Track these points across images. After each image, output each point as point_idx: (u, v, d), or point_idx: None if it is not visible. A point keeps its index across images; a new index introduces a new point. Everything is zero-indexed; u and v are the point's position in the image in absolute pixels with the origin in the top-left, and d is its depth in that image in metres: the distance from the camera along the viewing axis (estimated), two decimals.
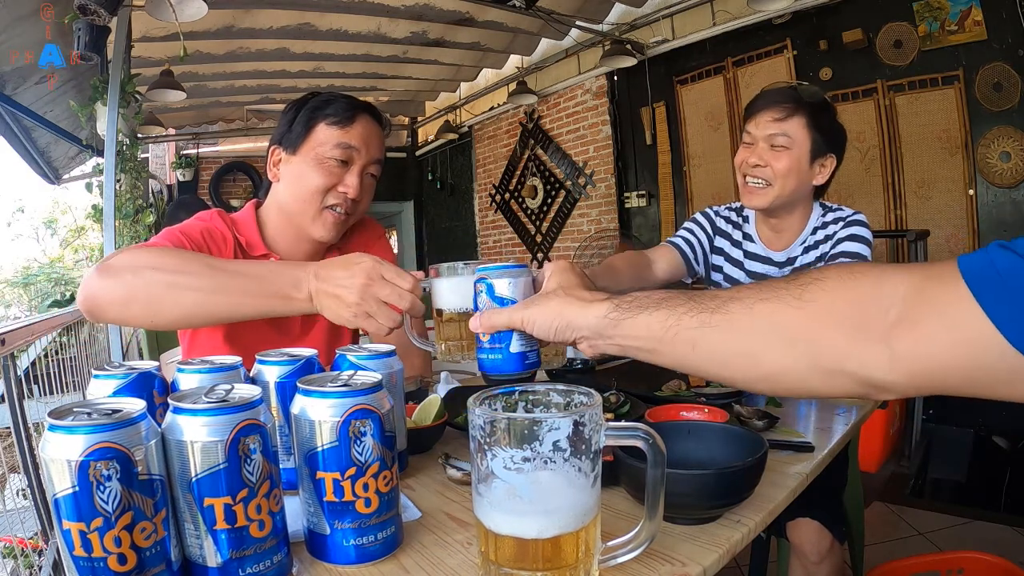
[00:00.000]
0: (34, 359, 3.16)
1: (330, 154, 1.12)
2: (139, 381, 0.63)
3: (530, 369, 0.68)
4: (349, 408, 0.53)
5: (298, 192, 1.14)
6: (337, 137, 1.12)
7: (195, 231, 1.11)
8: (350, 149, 1.13)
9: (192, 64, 4.25)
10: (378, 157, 1.18)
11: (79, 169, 6.54)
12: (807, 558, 1.12)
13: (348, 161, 1.14)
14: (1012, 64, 2.90)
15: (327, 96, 1.17)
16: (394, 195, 7.85)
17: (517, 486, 0.47)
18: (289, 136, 1.15)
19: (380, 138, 1.19)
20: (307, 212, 1.14)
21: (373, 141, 1.16)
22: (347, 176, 1.14)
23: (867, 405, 1.05)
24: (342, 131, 1.13)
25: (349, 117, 1.13)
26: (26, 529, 2.10)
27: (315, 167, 1.12)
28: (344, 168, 1.13)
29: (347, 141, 1.12)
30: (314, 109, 1.15)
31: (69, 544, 0.44)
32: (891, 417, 2.76)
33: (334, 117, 1.13)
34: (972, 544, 1.23)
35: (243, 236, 1.16)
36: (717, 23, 4.05)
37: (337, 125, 1.13)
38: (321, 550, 0.56)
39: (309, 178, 1.13)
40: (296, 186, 1.14)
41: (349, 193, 1.14)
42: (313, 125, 1.14)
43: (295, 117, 1.15)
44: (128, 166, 3.51)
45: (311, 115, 1.14)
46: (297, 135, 1.14)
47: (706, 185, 4.40)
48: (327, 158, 1.12)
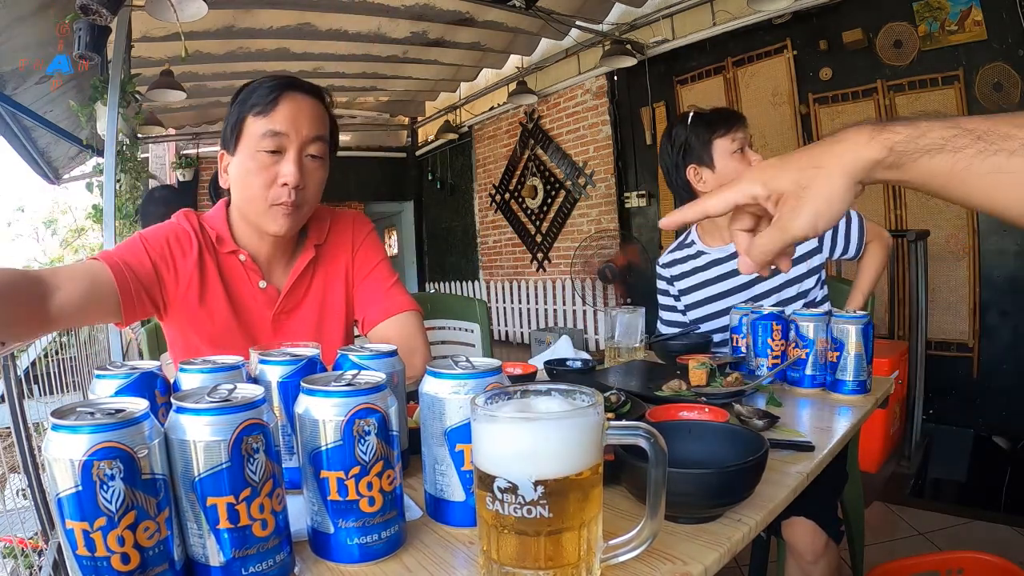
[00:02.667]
0: (34, 359, 3.16)
1: (259, 147, 1.06)
2: (141, 381, 0.63)
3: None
4: (353, 407, 0.53)
5: (244, 193, 1.10)
6: (263, 126, 1.06)
7: (160, 237, 1.10)
8: (278, 136, 1.06)
9: (192, 64, 4.26)
10: (315, 134, 1.09)
11: (79, 169, 6.54)
12: (802, 557, 1.12)
13: (279, 150, 1.07)
14: (1012, 64, 2.91)
15: (252, 85, 1.09)
16: (394, 195, 7.86)
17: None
18: (226, 136, 1.11)
19: (314, 112, 1.10)
20: (257, 211, 1.10)
21: (303, 119, 1.08)
22: (282, 165, 1.07)
23: (867, 405, 1.05)
24: (267, 119, 1.06)
25: (271, 101, 1.06)
26: (26, 529, 2.10)
27: (251, 164, 1.07)
28: (278, 157, 1.07)
29: (272, 128, 1.05)
30: (241, 103, 1.08)
31: (72, 543, 0.44)
32: (891, 417, 2.76)
33: (257, 106, 1.06)
34: (972, 544, 1.23)
35: (212, 232, 1.14)
36: (717, 23, 4.06)
37: (261, 114, 1.06)
38: (325, 549, 0.56)
39: (248, 178, 1.08)
40: (241, 187, 1.10)
41: (288, 182, 1.07)
42: (242, 120, 1.08)
43: (229, 113, 1.10)
44: (128, 166, 3.51)
45: (239, 110, 1.08)
46: (231, 134, 1.09)
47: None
48: (257, 152, 1.06)
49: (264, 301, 1.17)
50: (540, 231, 5.91)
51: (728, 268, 1.54)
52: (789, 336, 1.15)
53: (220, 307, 1.13)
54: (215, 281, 1.13)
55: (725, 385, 1.04)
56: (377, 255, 1.29)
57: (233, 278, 1.15)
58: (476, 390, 0.59)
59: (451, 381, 0.60)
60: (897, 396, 2.86)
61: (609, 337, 1.46)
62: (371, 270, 1.27)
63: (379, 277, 1.27)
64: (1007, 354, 3.07)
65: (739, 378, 1.07)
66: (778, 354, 1.15)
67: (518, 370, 1.16)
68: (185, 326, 1.12)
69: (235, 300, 1.15)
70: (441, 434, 0.61)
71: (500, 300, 6.42)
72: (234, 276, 1.15)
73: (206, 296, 1.12)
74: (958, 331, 3.21)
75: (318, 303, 1.22)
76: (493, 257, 6.68)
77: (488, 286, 6.67)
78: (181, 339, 1.14)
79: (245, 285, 1.16)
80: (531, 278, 6.06)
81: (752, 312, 1.19)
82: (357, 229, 1.29)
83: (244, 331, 1.15)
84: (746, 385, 1.03)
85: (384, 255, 1.31)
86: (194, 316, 1.11)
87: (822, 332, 1.11)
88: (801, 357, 1.12)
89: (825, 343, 1.11)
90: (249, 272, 1.16)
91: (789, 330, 1.15)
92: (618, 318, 1.44)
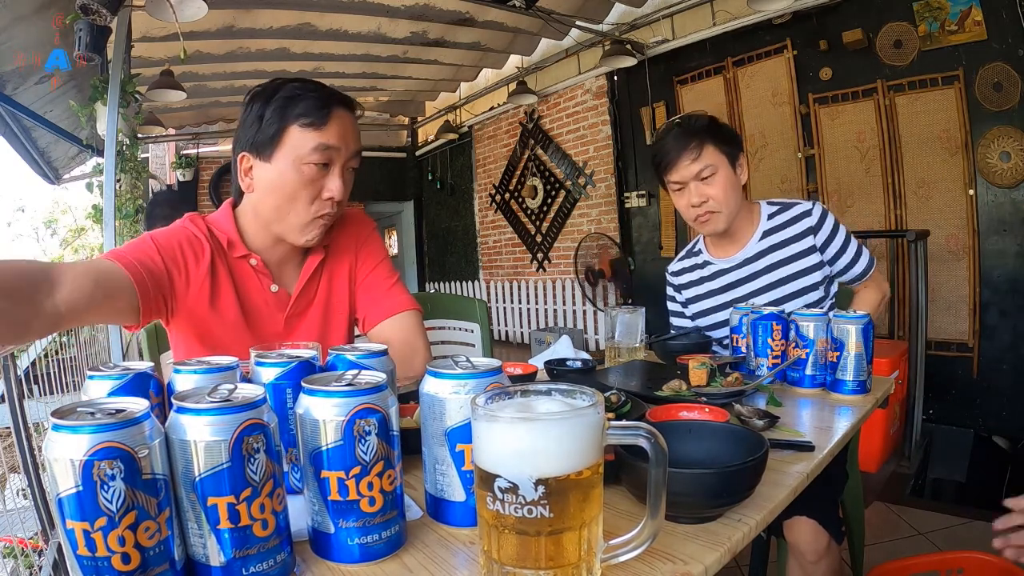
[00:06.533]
0: (34, 359, 3.16)
1: (309, 159, 1.04)
2: (135, 382, 0.63)
3: None
4: (354, 407, 0.53)
5: (279, 203, 1.07)
6: (314, 139, 1.03)
7: (172, 241, 1.07)
8: (330, 150, 1.05)
9: (192, 64, 4.26)
10: (357, 149, 1.11)
11: (79, 169, 6.54)
12: (804, 557, 1.12)
13: (328, 163, 1.06)
14: (1012, 64, 2.90)
15: (293, 91, 1.05)
16: (394, 195, 7.85)
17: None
18: (258, 141, 1.05)
19: (356, 128, 1.10)
20: (291, 222, 1.09)
21: (351, 134, 1.08)
22: (329, 180, 1.06)
23: (867, 405, 1.05)
24: (319, 132, 1.03)
25: (324, 116, 1.04)
26: (26, 529, 2.10)
27: (294, 175, 1.04)
28: (325, 171, 1.06)
29: (325, 142, 1.04)
30: (282, 108, 1.04)
31: (73, 543, 0.44)
32: (891, 417, 2.76)
33: (307, 118, 1.03)
34: (972, 544, 1.24)
35: (223, 237, 1.12)
36: (717, 23, 4.06)
37: (311, 127, 1.03)
38: (325, 549, 0.56)
39: (289, 188, 1.05)
40: (275, 197, 1.07)
41: (335, 197, 1.07)
42: (285, 128, 1.04)
43: (262, 115, 1.05)
44: (128, 166, 3.51)
45: (281, 116, 1.04)
46: (268, 140, 1.05)
47: None
48: (306, 163, 1.04)
49: (275, 304, 1.17)
50: (540, 231, 5.91)
51: (733, 279, 1.53)
52: (789, 336, 1.15)
53: (231, 312, 1.12)
54: (227, 286, 1.12)
55: (725, 385, 1.04)
56: (379, 254, 1.29)
57: (244, 282, 1.14)
58: (476, 390, 0.59)
59: (451, 381, 0.60)
60: (897, 396, 2.86)
61: (609, 337, 1.46)
62: (372, 269, 1.27)
63: (380, 276, 1.27)
64: (1007, 354, 3.07)
65: (739, 378, 1.07)
66: (778, 354, 1.15)
67: (518, 370, 1.16)
68: (193, 330, 1.11)
69: (246, 304, 1.14)
70: (441, 434, 0.61)
71: (500, 300, 6.41)
72: (245, 280, 1.14)
73: (217, 301, 1.11)
74: (958, 331, 3.21)
75: (324, 303, 1.22)
76: (493, 257, 6.68)
77: (488, 286, 6.67)
78: (186, 343, 1.12)
79: (256, 289, 1.15)
80: (531, 278, 6.06)
81: (752, 312, 1.19)
82: (361, 228, 1.29)
83: (255, 335, 1.14)
84: (746, 385, 1.03)
85: (386, 254, 1.31)
86: (203, 321, 1.10)
87: (822, 332, 1.11)
88: (801, 357, 1.12)
89: (825, 343, 1.11)
90: (260, 276, 1.15)
91: (789, 330, 1.15)
92: (618, 318, 1.44)
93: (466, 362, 0.63)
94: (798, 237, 1.46)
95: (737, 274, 1.52)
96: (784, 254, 1.47)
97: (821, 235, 1.45)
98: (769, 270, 1.47)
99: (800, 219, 1.46)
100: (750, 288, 1.49)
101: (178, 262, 1.07)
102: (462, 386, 0.60)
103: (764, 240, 1.48)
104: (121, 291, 0.97)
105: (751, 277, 1.50)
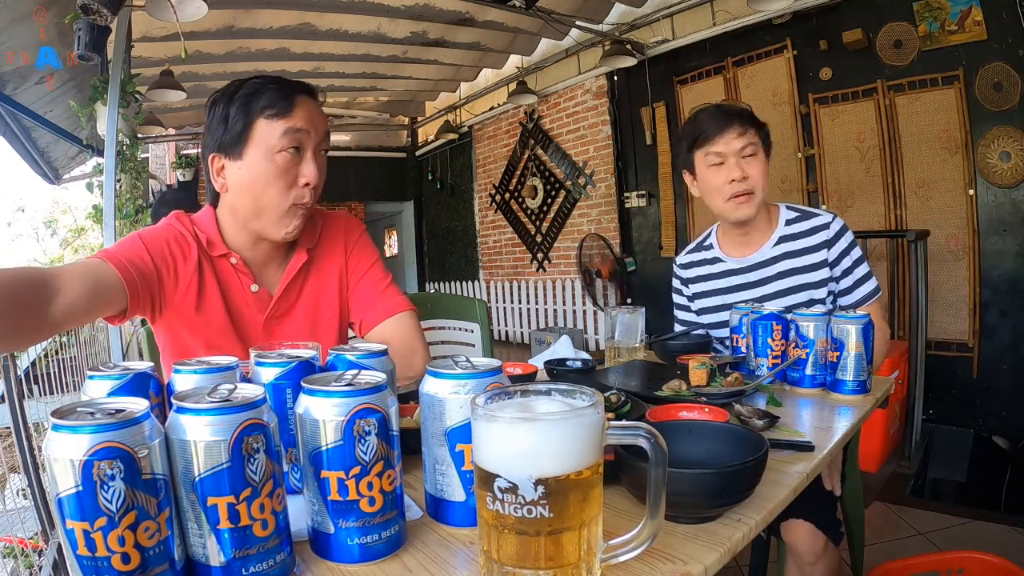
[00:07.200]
0: (34, 359, 3.16)
1: (280, 146, 1.04)
2: (135, 382, 0.63)
3: None
4: (354, 407, 0.53)
5: (255, 199, 1.07)
6: (282, 126, 1.04)
7: (160, 239, 1.08)
8: (299, 133, 1.05)
9: (192, 64, 4.26)
10: (326, 131, 1.10)
11: (79, 169, 6.54)
12: (802, 558, 1.12)
13: (300, 147, 1.06)
14: (1012, 64, 2.91)
15: (254, 87, 1.06)
16: (394, 195, 7.86)
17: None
18: (226, 141, 1.06)
19: (322, 113, 1.11)
20: (269, 216, 1.09)
21: (317, 118, 1.09)
22: (303, 166, 1.07)
23: (867, 405, 1.05)
24: (285, 120, 1.04)
25: (289, 104, 1.05)
26: (26, 529, 2.10)
27: (268, 167, 1.05)
28: (297, 157, 1.06)
29: (294, 126, 1.05)
30: (246, 105, 1.05)
31: (72, 543, 0.44)
32: (891, 417, 2.76)
33: (272, 108, 1.04)
34: (972, 544, 1.24)
35: (204, 235, 1.13)
36: (717, 23, 4.06)
37: (278, 116, 1.04)
38: (325, 549, 0.56)
39: (264, 181, 1.06)
40: (250, 193, 1.07)
41: (311, 182, 1.07)
42: (251, 123, 1.04)
43: (227, 115, 1.05)
44: (128, 166, 3.51)
45: (246, 113, 1.04)
46: (236, 138, 1.05)
47: None
48: (279, 152, 1.04)
49: (256, 305, 1.16)
50: (540, 231, 5.92)
51: (742, 280, 1.51)
52: (789, 336, 1.15)
53: (217, 310, 1.12)
54: (212, 285, 1.12)
55: (725, 385, 1.04)
56: (371, 257, 1.28)
57: (227, 281, 1.15)
58: (476, 390, 0.59)
59: (451, 381, 0.60)
60: (897, 396, 2.86)
61: (609, 337, 1.46)
62: (365, 272, 1.26)
63: (373, 279, 1.26)
64: (1007, 354, 3.07)
65: (739, 378, 1.07)
66: (778, 354, 1.15)
67: (518, 370, 1.16)
68: (180, 329, 1.11)
69: (229, 304, 1.14)
70: (441, 434, 0.61)
71: (500, 300, 6.42)
72: (227, 279, 1.15)
73: (204, 300, 1.11)
74: (958, 331, 3.21)
75: (311, 306, 1.22)
76: (493, 257, 6.68)
77: (488, 286, 6.67)
78: (174, 342, 1.13)
79: (237, 288, 1.15)
80: (531, 278, 6.06)
81: (752, 312, 1.19)
82: (349, 231, 1.28)
83: (238, 335, 1.14)
84: (746, 385, 1.03)
85: (377, 256, 1.30)
86: (191, 319, 1.11)
87: (822, 332, 1.11)
88: (801, 357, 1.12)
89: (825, 343, 1.11)
90: (240, 275, 1.15)
91: (789, 330, 1.15)
92: (618, 318, 1.44)
93: (466, 362, 0.63)
94: (812, 249, 1.43)
95: (747, 276, 1.50)
96: (796, 263, 1.44)
97: (835, 250, 1.41)
98: (779, 277, 1.45)
99: (818, 231, 1.43)
100: (758, 293, 1.47)
101: (167, 261, 1.08)
102: (462, 386, 0.60)
103: (779, 246, 1.46)
104: (112, 292, 0.99)
105: (761, 282, 1.48)
